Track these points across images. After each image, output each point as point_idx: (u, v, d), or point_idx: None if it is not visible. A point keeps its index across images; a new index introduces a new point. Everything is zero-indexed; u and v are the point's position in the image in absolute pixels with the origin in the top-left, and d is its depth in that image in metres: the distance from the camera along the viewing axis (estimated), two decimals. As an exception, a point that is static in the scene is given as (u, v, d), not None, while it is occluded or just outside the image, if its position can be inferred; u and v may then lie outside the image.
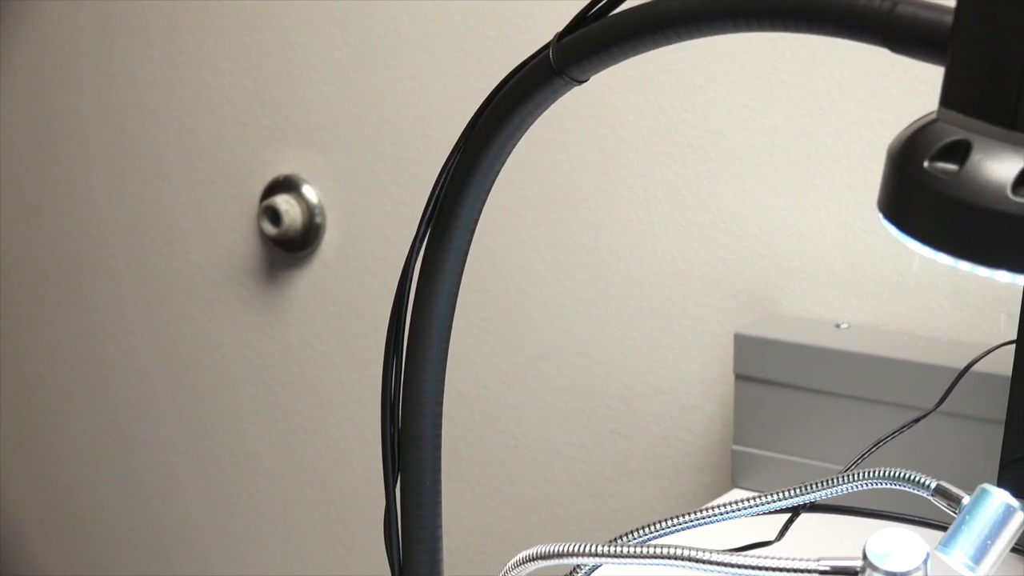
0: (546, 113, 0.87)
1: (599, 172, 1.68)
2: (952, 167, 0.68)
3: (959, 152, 0.68)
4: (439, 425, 0.95)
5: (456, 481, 1.83)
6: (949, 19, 0.69)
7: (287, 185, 1.88)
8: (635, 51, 0.81)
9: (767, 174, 1.60)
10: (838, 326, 1.56)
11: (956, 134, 0.68)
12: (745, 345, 1.53)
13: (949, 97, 0.69)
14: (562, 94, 0.86)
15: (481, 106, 0.88)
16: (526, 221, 1.74)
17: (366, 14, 1.79)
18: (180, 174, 1.97)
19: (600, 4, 0.83)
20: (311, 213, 1.88)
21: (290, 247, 1.90)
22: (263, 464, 1.99)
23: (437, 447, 0.95)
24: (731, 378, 1.59)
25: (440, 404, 0.95)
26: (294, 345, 1.93)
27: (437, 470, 0.95)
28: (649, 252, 1.67)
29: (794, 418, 1.52)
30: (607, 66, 0.83)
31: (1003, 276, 0.68)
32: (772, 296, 1.61)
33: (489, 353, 1.79)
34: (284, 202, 1.87)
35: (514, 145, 0.89)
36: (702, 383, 1.67)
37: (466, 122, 0.89)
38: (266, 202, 1.87)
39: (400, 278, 0.92)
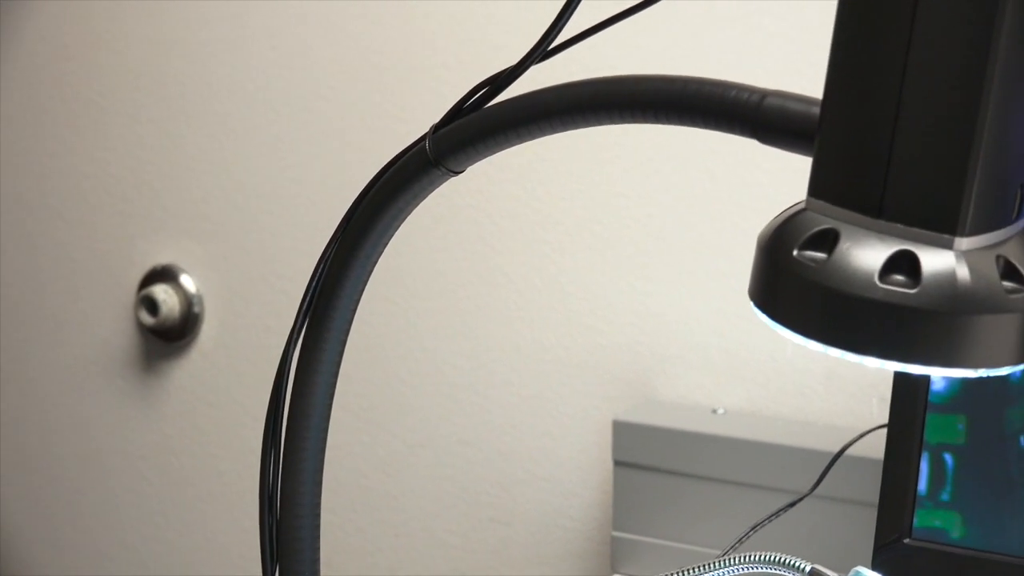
0: (425, 202, 0.88)
1: (477, 260, 1.69)
2: (821, 255, 0.69)
3: (827, 241, 0.69)
4: (318, 515, 0.94)
5: (336, 571, 1.81)
6: (816, 111, 0.71)
7: (165, 275, 1.87)
8: (510, 142, 0.82)
9: (643, 262, 1.61)
10: (714, 411, 1.57)
11: (824, 223, 0.69)
12: (623, 431, 1.54)
13: (817, 187, 0.70)
14: (439, 184, 0.86)
15: (358, 197, 0.89)
16: (405, 310, 1.74)
17: (245, 104, 1.79)
18: (57, 264, 1.95)
19: (475, 96, 0.84)
20: (189, 303, 1.87)
21: (168, 337, 1.89)
22: (139, 556, 1.97)
23: (316, 537, 0.94)
24: (610, 464, 1.60)
25: (319, 494, 0.94)
26: (171, 436, 1.92)
27: (316, 560, 0.95)
28: (528, 340, 1.68)
29: (672, 503, 1.53)
30: (483, 157, 0.84)
31: (872, 362, 0.69)
32: (649, 382, 1.62)
33: (369, 442, 1.79)
34: (162, 292, 1.86)
35: (392, 235, 0.89)
36: (581, 470, 1.67)
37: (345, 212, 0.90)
38: (144, 292, 1.86)
39: (278, 368, 0.92)
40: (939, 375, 1.00)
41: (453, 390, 1.73)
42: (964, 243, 0.68)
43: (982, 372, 0.69)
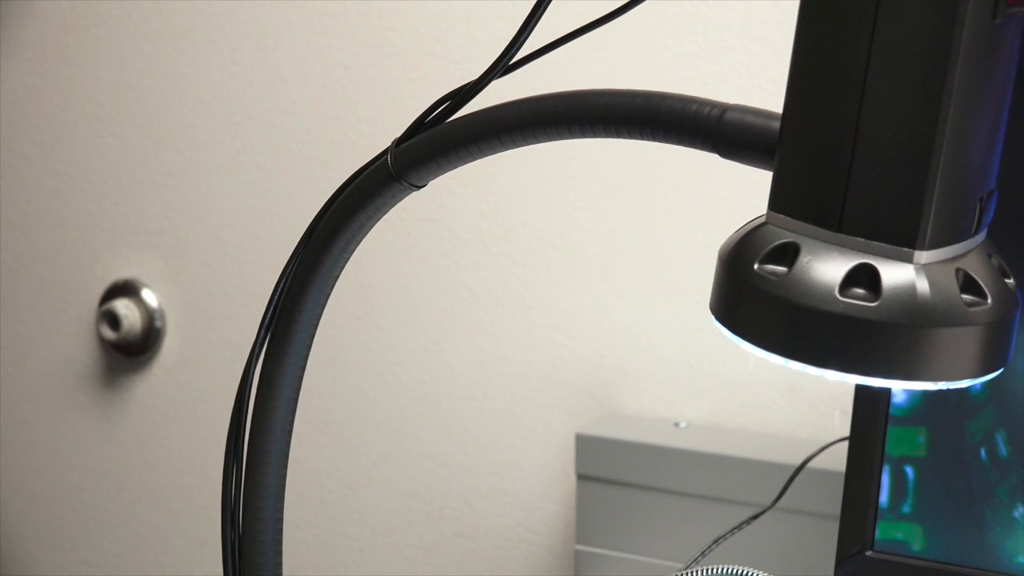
0: (387, 216, 0.88)
1: (440, 274, 1.69)
2: (781, 269, 0.69)
3: (788, 254, 0.69)
4: (280, 530, 0.94)
5: (299, 586, 1.81)
6: (777, 125, 0.71)
7: (126, 289, 1.87)
8: (472, 156, 0.82)
9: (605, 276, 1.61)
10: (677, 425, 1.58)
11: (784, 237, 0.70)
12: (586, 445, 1.54)
13: (777, 201, 0.71)
14: (401, 199, 0.86)
15: (320, 211, 0.89)
16: (368, 324, 1.74)
17: (208, 118, 1.79)
18: (17, 278, 1.94)
19: (437, 111, 0.84)
20: (151, 317, 1.86)
21: (129, 352, 1.88)
22: (101, 572, 1.96)
23: (278, 552, 0.94)
24: (573, 478, 1.60)
25: (281, 509, 0.94)
26: (133, 451, 1.91)
27: None
28: (491, 354, 1.68)
29: (635, 517, 1.53)
30: (445, 171, 0.84)
31: (833, 375, 0.69)
32: (612, 396, 1.62)
33: (332, 456, 1.78)
34: (123, 306, 1.85)
35: (354, 249, 0.89)
36: (544, 483, 1.67)
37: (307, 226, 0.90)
38: (105, 306, 1.86)
39: (240, 382, 0.91)
40: (900, 388, 1.00)
41: (416, 404, 1.73)
42: (924, 256, 0.68)
43: (942, 385, 0.70)
